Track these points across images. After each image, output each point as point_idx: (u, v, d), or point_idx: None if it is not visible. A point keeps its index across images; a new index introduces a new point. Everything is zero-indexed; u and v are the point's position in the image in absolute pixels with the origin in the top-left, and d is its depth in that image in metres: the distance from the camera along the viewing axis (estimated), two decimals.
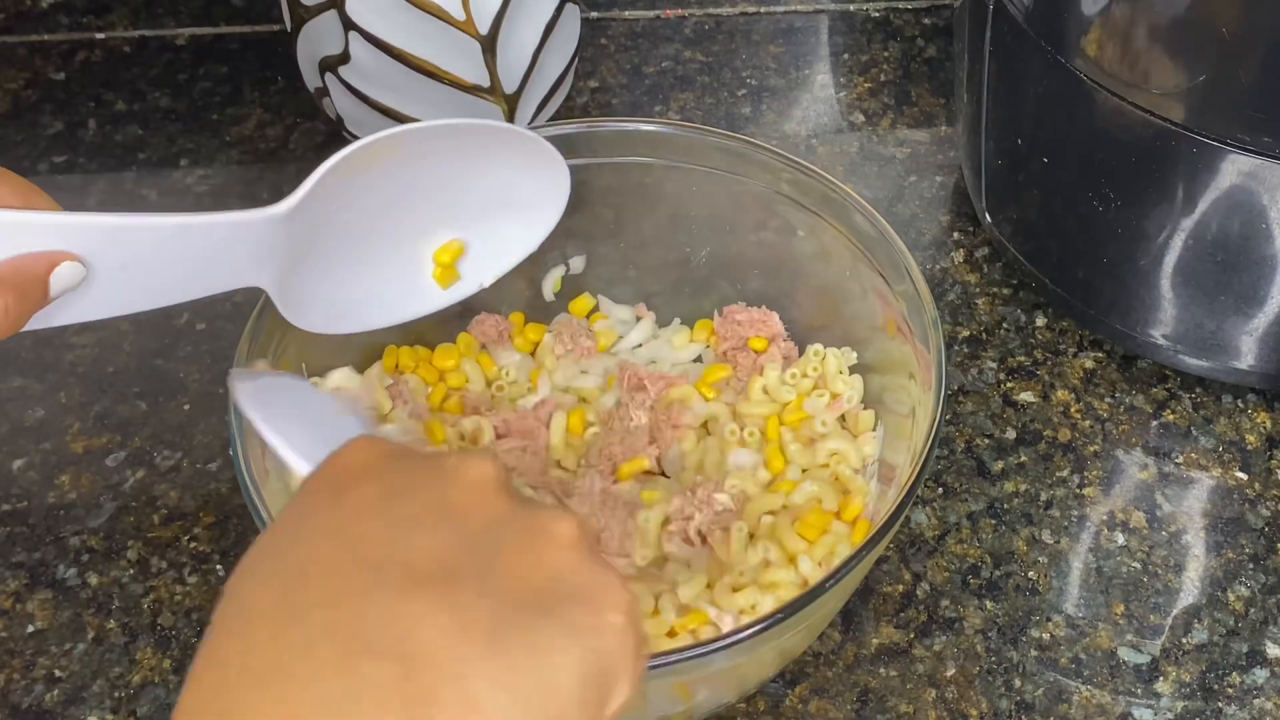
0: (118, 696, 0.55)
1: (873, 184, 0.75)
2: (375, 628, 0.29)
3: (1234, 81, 0.53)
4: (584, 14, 0.80)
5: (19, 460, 0.63)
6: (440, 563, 0.31)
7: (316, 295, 0.51)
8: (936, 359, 0.52)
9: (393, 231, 0.53)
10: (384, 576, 0.30)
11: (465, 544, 0.31)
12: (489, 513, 0.33)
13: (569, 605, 0.31)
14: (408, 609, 0.29)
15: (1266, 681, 0.56)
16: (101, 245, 0.43)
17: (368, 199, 0.51)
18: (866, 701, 0.55)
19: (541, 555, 0.32)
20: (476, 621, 0.30)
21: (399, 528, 0.31)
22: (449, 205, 0.54)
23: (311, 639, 0.29)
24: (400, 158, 0.51)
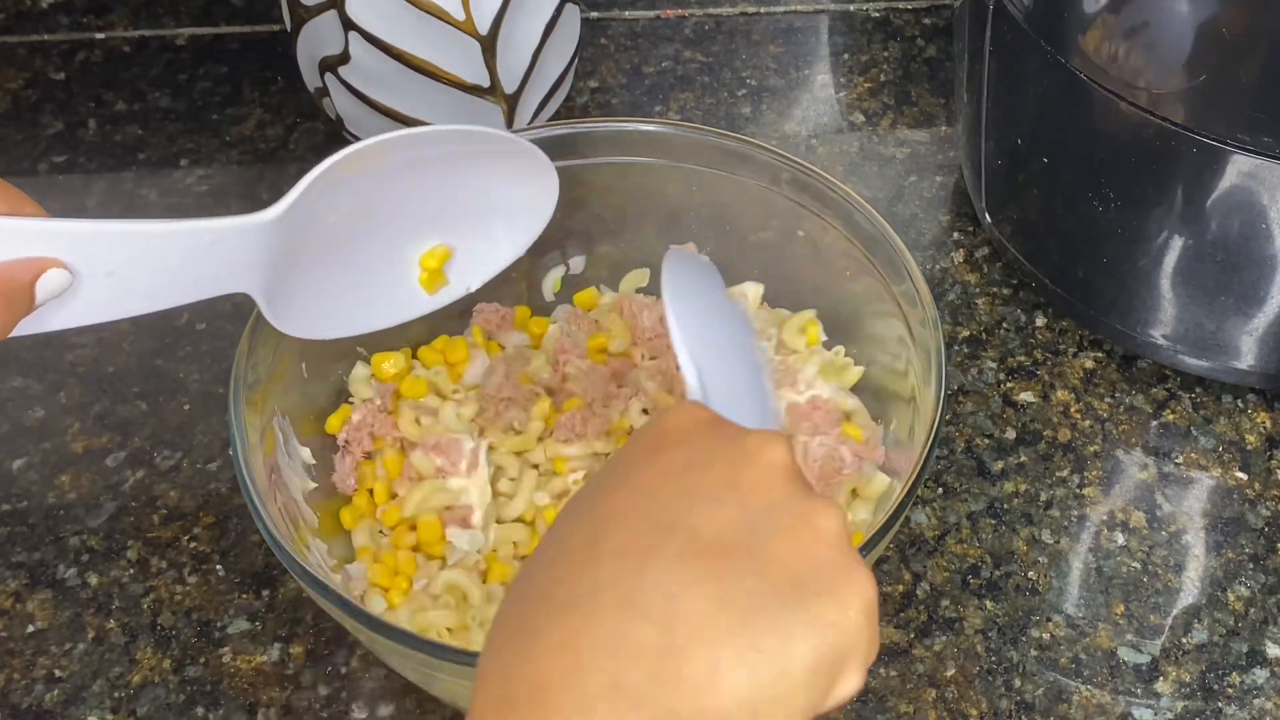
0: (118, 696, 0.55)
1: (873, 184, 0.75)
2: (651, 585, 0.33)
3: (1234, 81, 0.53)
4: (584, 14, 0.80)
5: (19, 460, 0.63)
6: (720, 535, 0.34)
7: (303, 300, 0.51)
8: (936, 359, 0.52)
9: (380, 237, 0.53)
10: (670, 540, 0.34)
11: (745, 522, 0.35)
12: (772, 496, 0.36)
13: (819, 598, 0.34)
14: (682, 573, 0.33)
15: (1266, 681, 0.56)
16: (88, 251, 0.43)
17: (355, 204, 0.51)
18: (866, 701, 0.55)
19: (807, 545, 0.35)
20: (737, 597, 0.33)
21: (694, 496, 0.35)
22: (436, 210, 0.54)
23: (600, 583, 0.33)
24: (389, 163, 0.51)
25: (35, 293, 0.41)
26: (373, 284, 0.54)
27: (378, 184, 0.51)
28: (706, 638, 0.33)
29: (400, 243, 0.54)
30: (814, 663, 0.33)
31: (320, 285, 0.52)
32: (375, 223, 0.52)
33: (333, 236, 0.51)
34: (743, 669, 0.33)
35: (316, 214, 0.49)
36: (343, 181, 0.49)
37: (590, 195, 0.61)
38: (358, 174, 0.49)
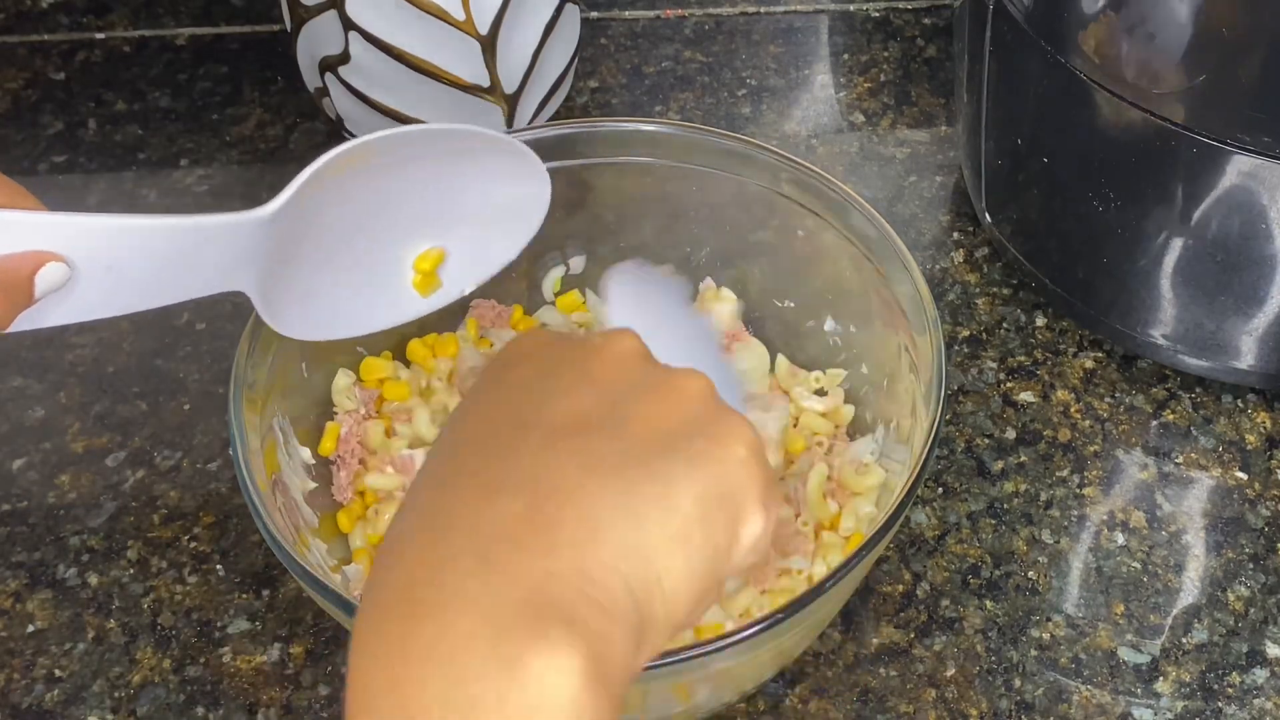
0: (118, 696, 0.55)
1: (873, 184, 0.75)
2: (514, 472, 0.33)
3: (1234, 81, 0.53)
4: (584, 14, 0.80)
5: (19, 460, 0.63)
6: (578, 419, 0.34)
7: (297, 300, 0.51)
8: (936, 359, 0.52)
9: (374, 237, 0.53)
10: (528, 433, 0.34)
11: (602, 403, 0.35)
12: (627, 377, 0.36)
13: (692, 440, 0.34)
14: (544, 456, 0.33)
15: (1266, 681, 0.56)
16: (87, 246, 0.43)
17: (350, 204, 0.51)
18: (866, 701, 0.55)
19: (672, 406, 0.35)
20: (605, 460, 0.33)
21: (547, 395, 0.35)
22: (430, 212, 0.54)
23: (464, 489, 0.33)
24: (383, 163, 0.50)
25: (34, 286, 0.41)
26: (367, 285, 0.54)
27: (372, 184, 0.51)
28: (577, 499, 0.32)
29: (394, 244, 0.54)
30: (700, 496, 0.33)
31: (315, 286, 0.52)
32: (369, 224, 0.52)
33: (327, 236, 0.51)
34: (622, 515, 0.32)
35: (311, 213, 0.49)
36: (338, 181, 0.49)
37: (590, 195, 0.61)
38: (352, 173, 0.49)
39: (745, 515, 0.34)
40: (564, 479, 0.32)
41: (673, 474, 0.33)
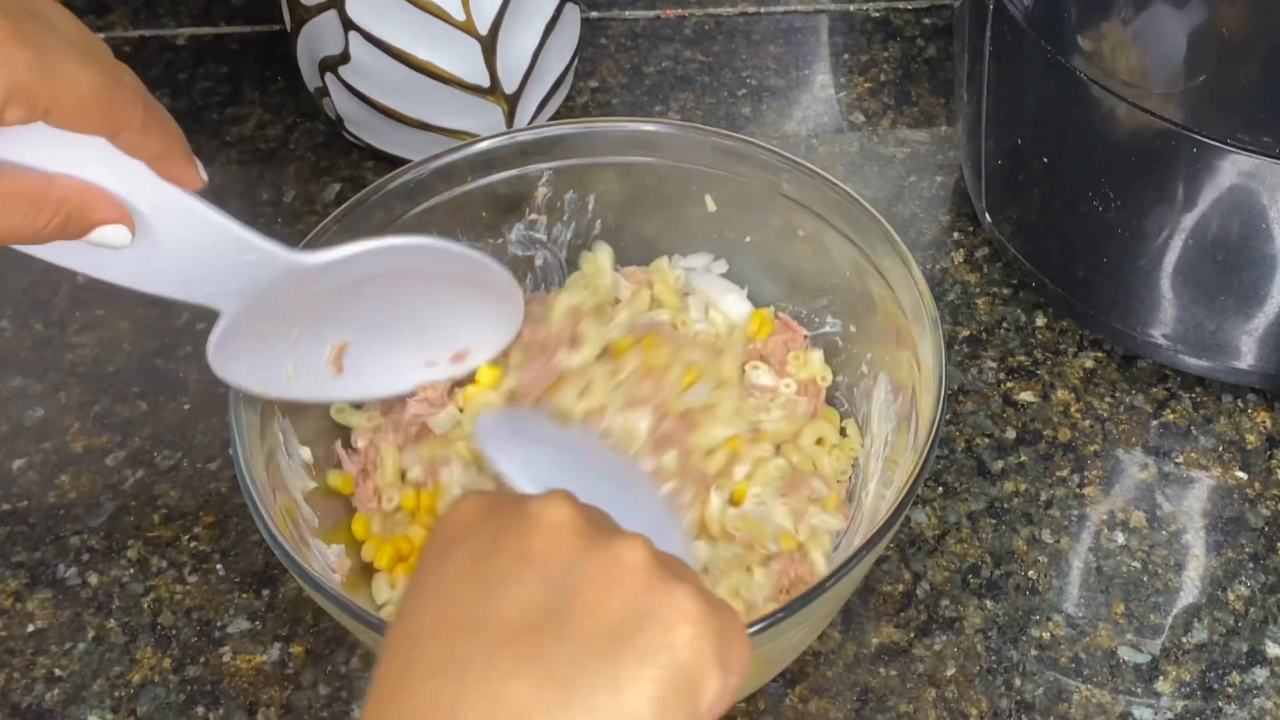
0: (118, 696, 0.55)
1: (873, 184, 0.75)
2: (471, 693, 0.32)
3: (1234, 81, 0.53)
4: (584, 14, 0.80)
5: (19, 460, 0.63)
6: (525, 615, 0.33)
7: (247, 349, 0.51)
8: (936, 359, 0.52)
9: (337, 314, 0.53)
10: (478, 640, 0.33)
11: (547, 591, 0.34)
12: (566, 554, 0.35)
13: (640, 631, 0.33)
14: (498, 668, 0.32)
15: (1266, 681, 0.56)
16: (162, 219, 0.43)
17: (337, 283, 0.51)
18: (866, 701, 0.55)
19: (614, 588, 0.34)
20: (558, 669, 0.32)
21: (489, 585, 0.34)
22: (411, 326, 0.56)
23: (420, 708, 0.32)
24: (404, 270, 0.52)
25: (92, 233, 0.41)
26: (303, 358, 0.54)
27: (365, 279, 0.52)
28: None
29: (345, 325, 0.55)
30: (657, 693, 0.33)
31: (259, 335, 0.51)
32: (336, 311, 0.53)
33: (301, 302, 0.51)
34: None
35: (312, 277, 0.49)
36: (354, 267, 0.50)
37: (590, 195, 0.61)
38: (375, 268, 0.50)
39: (703, 687, 0.34)
40: (520, 698, 0.32)
41: (624, 676, 0.33)
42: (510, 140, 0.59)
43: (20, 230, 0.40)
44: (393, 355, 0.56)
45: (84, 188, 0.41)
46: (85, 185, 0.41)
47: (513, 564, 0.35)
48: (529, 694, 0.32)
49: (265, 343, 0.51)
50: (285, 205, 0.73)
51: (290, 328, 0.52)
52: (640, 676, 0.33)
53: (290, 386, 0.53)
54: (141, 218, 0.42)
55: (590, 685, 0.32)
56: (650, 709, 0.32)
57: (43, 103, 0.38)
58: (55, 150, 0.40)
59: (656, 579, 0.34)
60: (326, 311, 0.52)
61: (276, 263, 0.47)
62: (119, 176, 0.41)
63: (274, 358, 0.52)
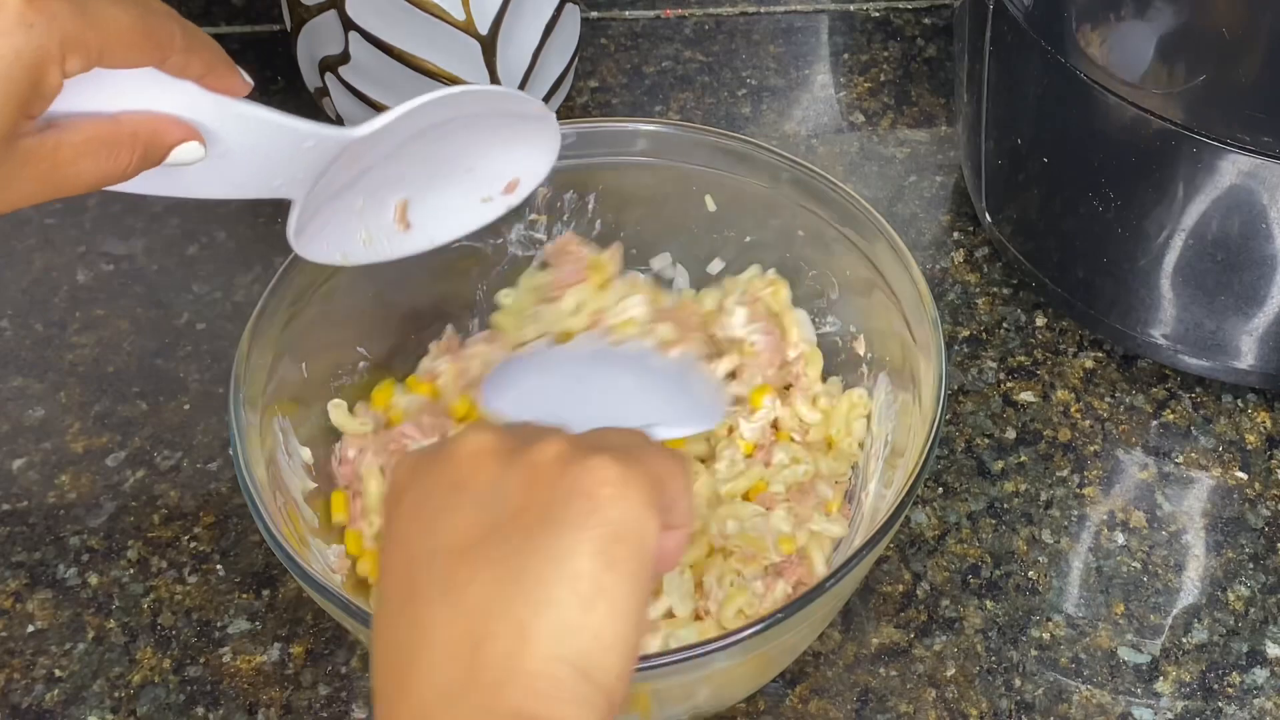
0: (118, 696, 0.55)
1: (873, 184, 0.75)
2: (440, 610, 0.35)
3: (1234, 81, 0.53)
4: (584, 14, 0.80)
5: (19, 460, 0.63)
6: (467, 534, 0.36)
7: (319, 225, 0.53)
8: (936, 359, 0.52)
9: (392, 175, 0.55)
10: (435, 566, 0.36)
11: (480, 509, 0.37)
12: (488, 474, 0.38)
13: (567, 508, 0.36)
14: (456, 583, 0.35)
15: (1266, 681, 0.56)
16: (222, 127, 0.45)
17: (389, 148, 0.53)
18: (866, 701, 0.55)
19: (536, 485, 0.37)
20: (506, 565, 0.35)
21: (433, 520, 0.37)
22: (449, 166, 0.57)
23: (405, 637, 0.36)
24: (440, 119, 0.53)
25: (169, 155, 0.44)
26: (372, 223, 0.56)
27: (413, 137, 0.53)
28: (499, 611, 0.34)
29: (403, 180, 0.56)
30: (598, 548, 0.35)
31: (327, 211, 0.53)
32: (392, 173, 0.54)
33: (359, 172, 0.53)
34: (540, 609, 0.34)
35: (364, 147, 0.51)
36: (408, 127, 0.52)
37: (590, 195, 0.61)
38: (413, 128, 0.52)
39: (644, 531, 0.36)
40: (482, 597, 0.35)
41: (561, 547, 0.35)
42: None
43: (109, 171, 0.43)
44: (451, 200, 0.57)
45: (150, 117, 0.43)
46: (151, 114, 0.43)
47: (447, 497, 0.38)
48: (488, 592, 0.35)
49: (337, 218, 0.53)
50: (285, 205, 0.73)
51: (355, 198, 0.54)
52: (577, 542, 0.35)
53: (367, 251, 0.55)
54: (207, 131, 0.45)
55: (538, 567, 0.35)
56: (594, 564, 0.35)
57: (95, 46, 0.40)
58: (114, 92, 0.42)
59: (572, 462, 0.37)
60: (383, 176, 0.54)
61: (332, 143, 0.49)
62: (177, 100, 0.43)
63: (347, 229, 0.54)
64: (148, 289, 0.70)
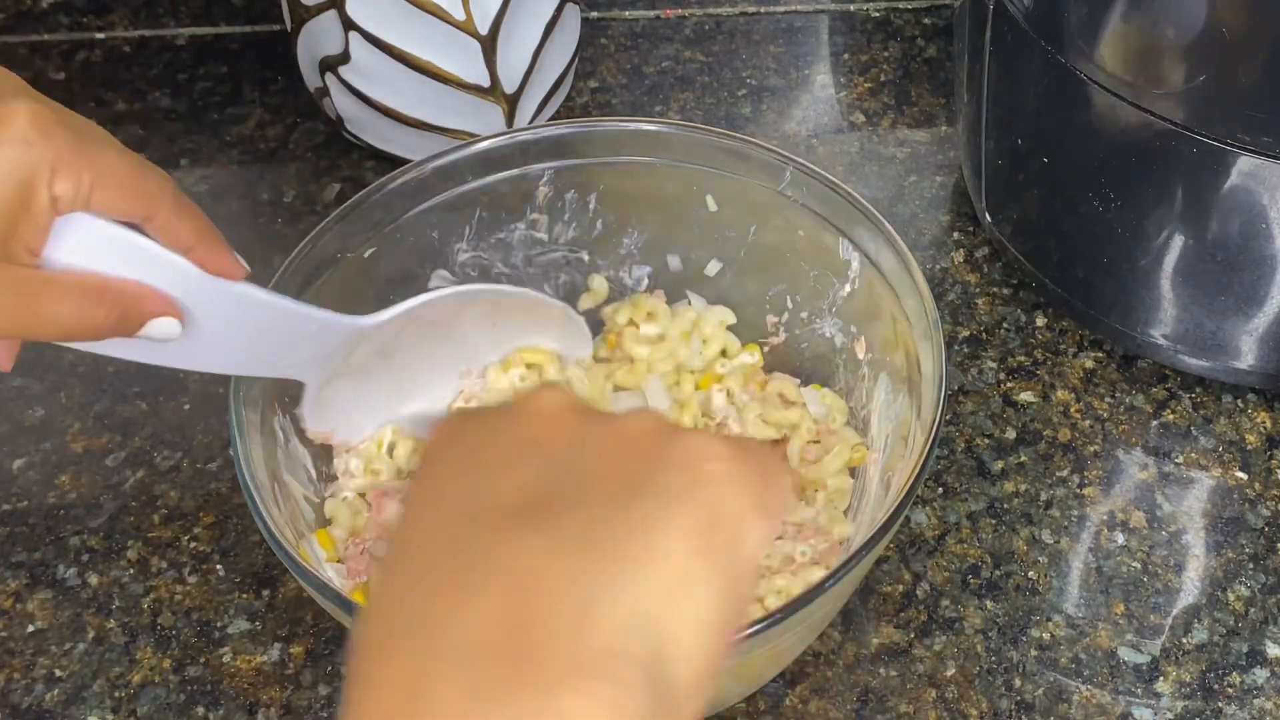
0: (118, 696, 0.55)
1: (873, 184, 0.75)
2: (480, 570, 0.29)
3: (1234, 81, 0.53)
4: (584, 14, 0.80)
5: (19, 460, 0.63)
6: (528, 493, 0.31)
7: (331, 405, 0.54)
8: (936, 359, 0.52)
9: (414, 368, 0.57)
10: (479, 523, 0.30)
11: (550, 469, 0.32)
12: (567, 434, 0.33)
13: (658, 479, 0.31)
14: (503, 543, 0.29)
15: (1266, 681, 0.56)
16: (214, 306, 0.45)
17: (411, 336, 0.54)
18: (866, 701, 0.55)
19: (624, 450, 0.32)
20: (571, 533, 0.29)
21: (485, 474, 0.32)
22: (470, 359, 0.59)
23: (418, 611, 0.29)
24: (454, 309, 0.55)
25: (144, 326, 0.44)
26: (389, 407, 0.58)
27: (435, 326, 0.55)
28: (556, 588, 0.28)
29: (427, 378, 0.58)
30: (689, 530, 0.29)
31: (348, 396, 0.54)
32: (416, 358, 0.56)
33: (379, 359, 0.54)
34: (609, 586, 0.28)
35: (383, 334, 0.52)
36: (412, 323, 0.53)
37: (591, 195, 0.61)
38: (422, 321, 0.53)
39: (745, 526, 0.31)
40: (534, 567, 0.28)
41: (649, 520, 0.29)
42: (510, 140, 0.59)
43: (84, 322, 0.42)
44: None
45: (132, 284, 0.43)
46: (133, 282, 0.43)
47: (511, 451, 0.33)
48: (541, 561, 0.28)
49: (359, 399, 0.55)
50: (285, 205, 0.73)
51: (377, 386, 0.55)
52: (667, 516, 0.30)
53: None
54: (197, 308, 0.45)
55: (610, 539, 0.29)
56: (685, 545, 0.29)
57: (86, 180, 0.41)
58: (101, 252, 0.43)
59: (668, 432, 0.32)
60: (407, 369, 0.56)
61: (340, 330, 0.49)
62: (161, 272, 0.44)
63: (371, 412, 0.56)
64: None
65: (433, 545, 0.30)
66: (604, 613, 0.28)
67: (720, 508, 0.30)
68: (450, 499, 0.32)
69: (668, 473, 0.31)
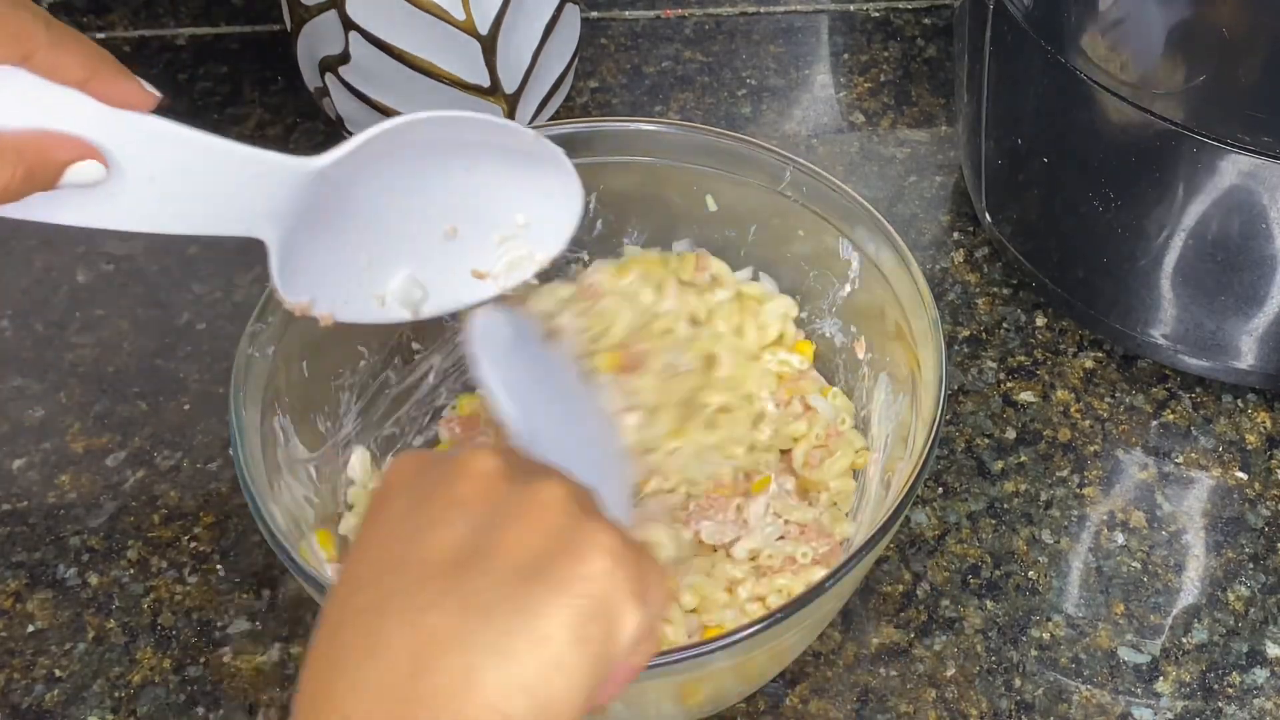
0: (118, 696, 0.55)
1: (873, 184, 0.75)
2: (393, 622, 0.33)
3: (1234, 81, 0.53)
4: (584, 14, 0.80)
5: (19, 460, 0.63)
6: (451, 552, 0.35)
7: (306, 270, 0.49)
8: (936, 359, 0.52)
9: (395, 229, 0.52)
10: (405, 576, 0.35)
11: (472, 531, 0.35)
12: (492, 498, 0.36)
13: (555, 564, 0.34)
14: (420, 600, 0.34)
15: (1266, 681, 0.56)
16: (137, 148, 0.41)
17: (381, 188, 0.50)
18: (866, 701, 0.55)
19: (534, 525, 0.35)
20: (478, 599, 0.33)
21: (420, 529, 0.36)
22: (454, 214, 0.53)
23: (345, 642, 0.34)
24: (420, 153, 0.49)
25: (63, 175, 0.40)
26: (379, 276, 0.52)
27: (405, 172, 0.50)
28: (452, 647, 0.33)
29: (411, 241, 0.53)
30: (569, 622, 0.33)
31: (328, 261, 0.50)
32: (392, 214, 0.51)
33: (352, 216, 0.49)
34: (496, 658, 0.32)
35: (345, 185, 0.48)
36: (375, 161, 0.48)
37: (591, 195, 0.61)
38: (391, 156, 0.48)
39: (620, 621, 0.35)
40: (441, 626, 0.33)
41: (539, 605, 0.33)
42: None
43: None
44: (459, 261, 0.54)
45: (35, 133, 0.39)
46: (36, 130, 0.39)
47: (442, 509, 0.36)
48: (447, 622, 0.33)
49: (334, 270, 0.50)
50: None
51: (356, 253, 0.50)
52: (555, 604, 0.34)
53: (365, 311, 0.52)
54: (117, 151, 0.41)
55: (506, 614, 0.33)
56: (565, 635, 0.33)
57: None
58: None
59: (572, 516, 0.36)
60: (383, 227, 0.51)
61: (288, 174, 0.45)
62: (66, 114, 0.40)
63: (345, 283, 0.51)
64: (148, 289, 0.70)
65: (368, 587, 0.35)
66: (490, 677, 0.32)
67: (599, 602, 0.34)
68: (390, 544, 0.36)
69: (562, 559, 0.35)
